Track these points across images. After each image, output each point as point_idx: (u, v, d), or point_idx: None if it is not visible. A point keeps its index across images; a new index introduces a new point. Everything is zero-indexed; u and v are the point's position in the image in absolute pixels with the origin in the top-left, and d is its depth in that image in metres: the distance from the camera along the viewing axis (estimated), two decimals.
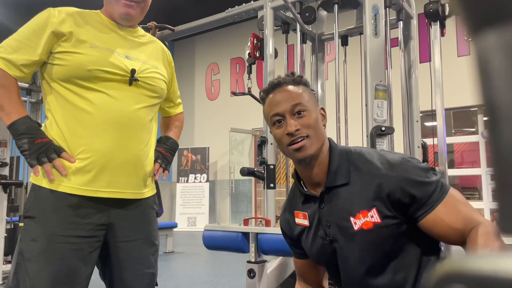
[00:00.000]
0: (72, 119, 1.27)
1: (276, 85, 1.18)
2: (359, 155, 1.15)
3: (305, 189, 1.21)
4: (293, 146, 1.12)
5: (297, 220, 1.24)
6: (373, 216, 1.07)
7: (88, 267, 1.26)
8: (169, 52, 1.57)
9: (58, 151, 1.25)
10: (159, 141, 1.52)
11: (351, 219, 1.10)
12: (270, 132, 1.22)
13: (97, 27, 1.35)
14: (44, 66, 1.30)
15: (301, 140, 1.11)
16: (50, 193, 1.24)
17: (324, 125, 1.19)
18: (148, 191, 1.41)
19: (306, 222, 1.21)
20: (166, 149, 1.50)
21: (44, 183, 1.25)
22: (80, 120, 1.26)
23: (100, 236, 1.28)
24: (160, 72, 1.43)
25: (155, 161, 1.44)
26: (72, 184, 1.25)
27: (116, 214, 1.31)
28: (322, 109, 1.21)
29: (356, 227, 1.09)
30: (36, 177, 1.27)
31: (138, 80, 1.33)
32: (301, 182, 1.23)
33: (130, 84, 1.32)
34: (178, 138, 1.60)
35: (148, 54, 1.44)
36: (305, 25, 2.49)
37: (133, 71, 1.32)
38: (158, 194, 1.49)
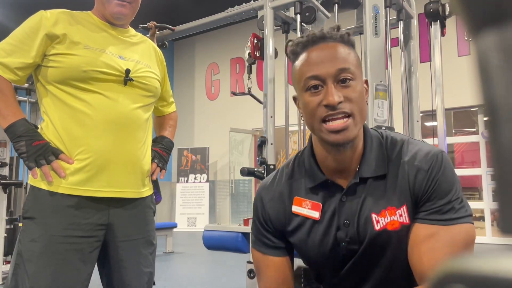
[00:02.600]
0: (69, 120, 1.27)
1: (318, 39, 0.91)
2: (392, 142, 0.95)
3: (317, 165, 0.97)
4: (331, 126, 0.86)
5: (297, 209, 0.97)
6: (402, 215, 0.88)
7: (88, 267, 1.26)
8: (160, 51, 1.59)
9: (56, 153, 1.25)
10: (154, 141, 1.52)
11: (374, 216, 0.89)
12: (293, 99, 0.98)
13: (89, 28, 1.36)
14: (38, 68, 1.31)
15: (342, 118, 0.86)
16: (49, 195, 1.25)
17: (366, 102, 0.94)
18: (147, 190, 1.42)
19: (315, 215, 0.95)
20: (162, 149, 1.51)
21: (43, 185, 1.25)
22: (77, 121, 1.27)
23: (99, 236, 1.28)
24: (153, 71, 1.45)
25: (152, 160, 1.45)
26: (71, 185, 1.25)
27: (115, 214, 1.31)
28: (366, 82, 0.96)
29: (377, 227, 0.89)
30: (34, 179, 1.27)
31: (133, 80, 1.34)
32: (317, 163, 0.97)
33: (125, 84, 1.33)
34: (173, 137, 1.62)
35: (141, 54, 1.45)
36: (305, 25, 2.49)
37: (127, 71, 1.33)
38: (156, 182, 1.50)
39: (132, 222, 1.36)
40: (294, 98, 0.98)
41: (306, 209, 0.96)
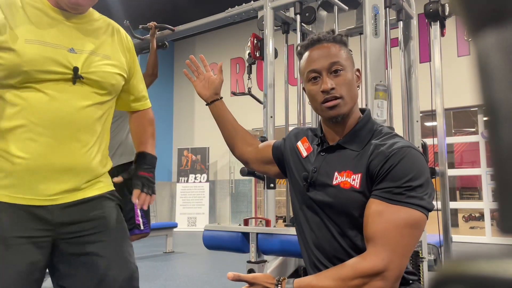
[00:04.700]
0: (4, 119, 1.15)
1: (315, 41, 1.18)
2: (379, 131, 1.17)
3: (321, 133, 1.25)
4: (327, 104, 1.13)
5: (299, 144, 1.29)
6: (355, 180, 1.09)
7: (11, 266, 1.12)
8: (128, 37, 1.41)
9: None
10: (136, 161, 1.40)
11: (335, 173, 1.13)
12: (303, 89, 1.25)
13: (37, 16, 1.19)
14: None
15: (335, 99, 1.12)
16: None
17: (358, 87, 1.20)
18: (95, 190, 1.27)
19: (304, 153, 1.26)
20: (147, 169, 1.39)
21: None
22: (13, 121, 1.14)
23: (45, 235, 1.17)
24: (113, 63, 1.28)
25: (141, 190, 1.34)
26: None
27: (60, 213, 1.19)
28: (358, 70, 1.21)
29: (334, 182, 1.12)
30: None
31: (82, 78, 1.20)
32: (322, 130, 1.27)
33: (74, 82, 1.19)
34: (154, 147, 1.48)
35: (100, 43, 1.28)
36: (305, 25, 2.49)
37: (75, 69, 1.18)
38: (147, 212, 1.38)
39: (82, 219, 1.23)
40: (303, 88, 1.24)
41: (303, 146, 1.28)
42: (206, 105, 1.48)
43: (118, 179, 1.34)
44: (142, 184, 1.35)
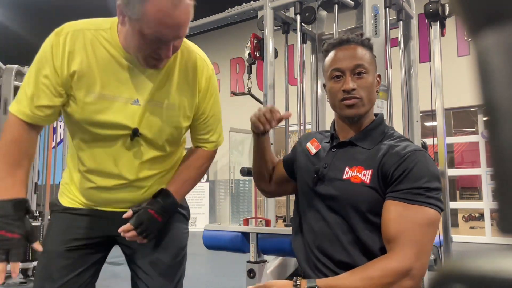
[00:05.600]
0: (75, 157, 1.30)
1: (344, 41, 1.23)
2: (391, 134, 1.21)
3: (334, 130, 1.30)
4: (346, 102, 1.17)
5: (308, 144, 1.34)
6: (366, 175, 1.12)
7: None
8: (206, 73, 1.29)
9: (16, 253, 1.06)
10: (156, 196, 1.27)
11: (346, 168, 1.16)
12: (323, 85, 1.29)
13: (106, 61, 1.14)
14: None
15: (354, 99, 1.17)
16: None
17: (377, 91, 1.25)
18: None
19: (313, 151, 1.31)
20: (160, 212, 1.23)
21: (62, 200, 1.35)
22: (79, 169, 1.30)
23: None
24: (175, 113, 1.23)
25: (134, 226, 1.19)
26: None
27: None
28: (379, 76, 1.27)
29: (345, 176, 1.15)
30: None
31: (140, 135, 1.19)
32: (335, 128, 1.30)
33: (132, 139, 1.20)
34: (186, 193, 1.36)
35: (168, 89, 1.21)
36: (305, 25, 2.49)
37: (135, 130, 1.18)
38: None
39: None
40: (324, 85, 1.29)
41: (312, 146, 1.32)
42: (255, 133, 1.36)
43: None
44: (140, 223, 1.20)
